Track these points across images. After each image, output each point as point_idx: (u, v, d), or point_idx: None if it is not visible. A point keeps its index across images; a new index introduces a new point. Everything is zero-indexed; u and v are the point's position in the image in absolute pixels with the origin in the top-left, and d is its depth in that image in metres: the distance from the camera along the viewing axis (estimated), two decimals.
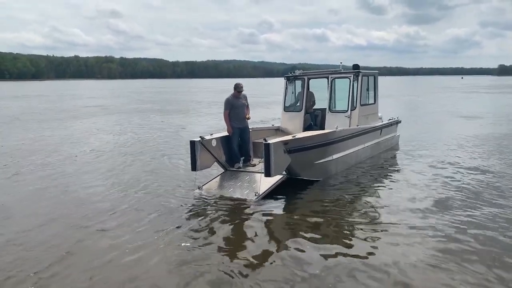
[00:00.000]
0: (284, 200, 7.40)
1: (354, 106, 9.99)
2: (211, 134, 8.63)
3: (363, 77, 10.26)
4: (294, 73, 10.90)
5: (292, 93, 10.95)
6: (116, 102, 38.33)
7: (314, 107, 10.90)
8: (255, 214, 6.69)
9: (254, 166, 8.83)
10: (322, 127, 10.23)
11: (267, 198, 7.39)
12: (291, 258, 5.09)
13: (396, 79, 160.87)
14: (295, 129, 10.37)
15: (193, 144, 7.97)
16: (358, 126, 9.92)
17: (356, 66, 10.22)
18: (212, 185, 8.18)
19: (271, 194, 7.49)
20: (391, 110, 20.26)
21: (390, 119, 12.35)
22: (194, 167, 8.03)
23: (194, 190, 7.97)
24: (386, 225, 6.11)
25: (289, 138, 7.70)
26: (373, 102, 11.03)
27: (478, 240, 5.51)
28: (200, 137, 8.13)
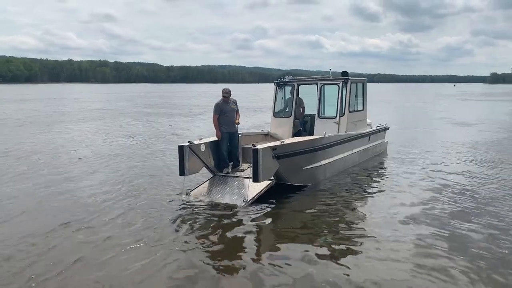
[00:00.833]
0: (272, 206, 7.35)
1: (343, 113, 10.01)
2: (200, 138, 8.61)
3: (352, 84, 10.30)
4: (284, 79, 10.93)
5: (282, 98, 10.99)
6: (116, 106, 38.05)
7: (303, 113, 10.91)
8: (243, 220, 6.63)
9: (243, 171, 8.79)
10: (311, 133, 10.24)
11: (256, 203, 7.35)
12: (276, 265, 5.04)
13: (390, 86, 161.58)
14: (285, 134, 10.36)
15: (181, 148, 7.91)
16: (346, 132, 9.94)
17: (345, 73, 10.26)
18: (200, 190, 8.13)
19: (260, 200, 7.45)
20: (383, 116, 20.43)
21: (378, 126, 12.40)
22: (182, 172, 7.98)
23: (182, 195, 7.90)
24: (372, 236, 5.94)
25: (277, 143, 7.68)
26: (361, 109, 11.06)
27: (464, 253, 5.33)
28: (188, 141, 8.08)
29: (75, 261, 5.11)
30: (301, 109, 10.86)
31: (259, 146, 7.18)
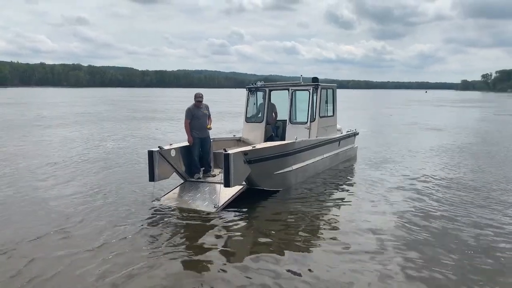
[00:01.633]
0: (244, 211, 7.32)
1: (314, 118, 10.12)
2: (171, 144, 8.50)
3: (322, 90, 10.42)
4: (255, 84, 10.95)
5: (254, 104, 11.02)
6: (94, 110, 37.28)
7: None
8: (214, 226, 6.58)
9: (214, 176, 8.75)
10: (283, 138, 10.31)
11: (227, 209, 7.32)
12: (247, 271, 5.02)
13: (364, 92, 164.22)
14: (256, 139, 10.37)
15: (151, 154, 7.81)
16: (317, 137, 10.03)
17: (315, 79, 10.37)
18: (170, 196, 8.02)
19: (231, 205, 7.42)
20: (356, 122, 20.70)
21: (348, 131, 12.56)
22: (152, 178, 7.86)
23: (152, 201, 7.78)
24: (340, 241, 5.94)
25: (249, 148, 7.68)
26: (331, 114, 11.20)
27: (435, 261, 5.30)
28: (158, 147, 7.98)
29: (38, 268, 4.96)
30: (273, 114, 10.90)
31: (231, 151, 7.17)
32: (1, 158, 12.47)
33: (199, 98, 8.58)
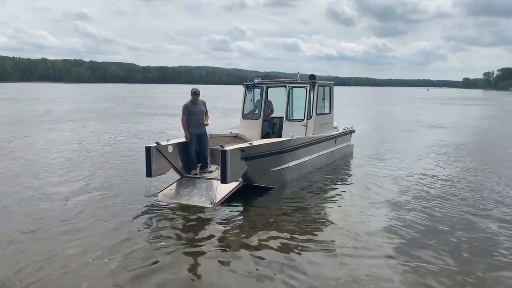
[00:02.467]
0: (240, 207, 7.37)
1: (310, 115, 10.16)
2: (168, 140, 8.57)
3: (319, 87, 10.46)
4: (253, 81, 10.99)
5: (251, 101, 11.01)
6: (101, 106, 37.29)
7: (272, 115, 10.97)
8: (211, 222, 6.64)
9: (211, 172, 8.80)
10: (280, 135, 10.33)
11: (224, 205, 7.38)
12: (243, 267, 5.04)
13: (365, 90, 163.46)
14: (253, 136, 10.40)
15: (148, 150, 7.87)
16: (314, 134, 10.07)
17: (312, 77, 10.40)
18: (168, 192, 8.08)
19: (228, 201, 7.49)
20: (355, 119, 20.66)
21: (344, 129, 12.61)
22: (149, 173, 7.93)
23: (149, 197, 7.83)
24: (335, 241, 5.90)
25: (245, 145, 7.74)
26: (328, 112, 11.24)
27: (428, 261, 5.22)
28: (156, 142, 8.04)
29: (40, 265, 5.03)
30: (270, 111, 10.94)
31: (228, 148, 7.23)
32: (2, 153, 12.56)
33: (193, 91, 8.60)
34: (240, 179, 7.76)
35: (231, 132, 11.03)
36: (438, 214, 7.13)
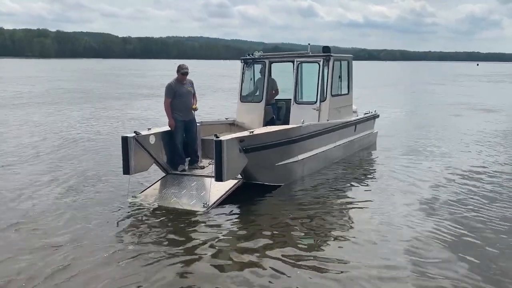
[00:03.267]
0: (238, 212, 7.27)
1: (324, 97, 9.99)
2: (149, 128, 8.40)
3: (335, 62, 10.27)
4: (253, 54, 10.85)
5: (250, 79, 10.89)
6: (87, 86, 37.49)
7: (276, 97, 10.86)
8: (203, 229, 6.52)
9: (203, 168, 8.68)
10: (287, 122, 10.22)
11: (218, 208, 7.26)
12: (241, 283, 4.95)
13: (399, 65, 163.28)
14: (254, 123, 10.29)
15: (125, 141, 7.64)
16: (328, 120, 9.92)
17: (326, 49, 10.24)
18: (150, 192, 7.94)
19: (223, 204, 7.38)
20: (386, 102, 20.46)
21: (366, 113, 12.49)
22: (126, 170, 7.76)
23: (127, 199, 7.66)
24: (354, 259, 5.58)
25: (245, 134, 7.63)
26: (346, 92, 11.08)
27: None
28: (134, 132, 7.82)
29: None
30: (274, 92, 10.80)
31: (223, 137, 7.12)
32: None
33: (184, 70, 8.39)
34: (238, 176, 7.74)
35: (227, 118, 10.91)
36: (481, 225, 6.66)
